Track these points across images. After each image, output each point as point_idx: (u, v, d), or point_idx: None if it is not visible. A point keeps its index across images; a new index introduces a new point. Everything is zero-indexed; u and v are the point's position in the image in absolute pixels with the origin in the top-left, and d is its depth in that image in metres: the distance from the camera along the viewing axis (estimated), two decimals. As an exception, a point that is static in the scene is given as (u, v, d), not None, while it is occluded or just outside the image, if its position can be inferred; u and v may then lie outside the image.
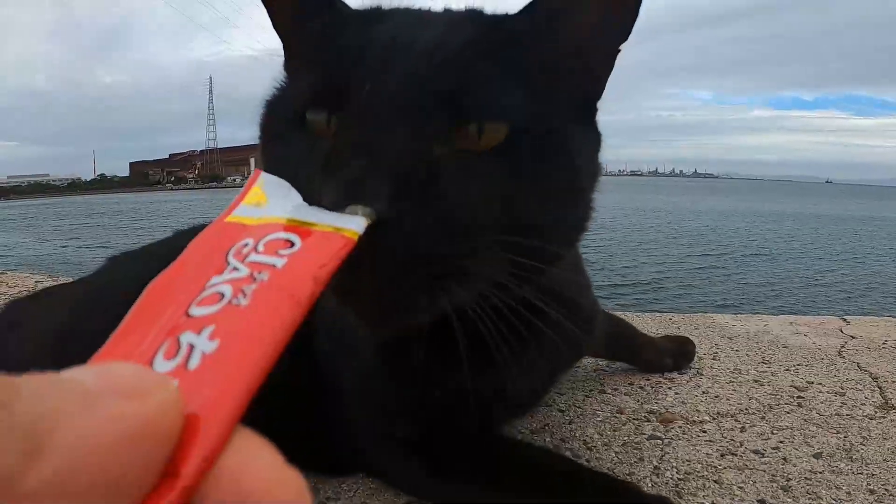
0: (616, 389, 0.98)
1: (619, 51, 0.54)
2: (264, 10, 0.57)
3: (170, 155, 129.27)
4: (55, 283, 1.74)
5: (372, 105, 0.45)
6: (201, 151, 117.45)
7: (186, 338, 0.22)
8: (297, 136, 0.50)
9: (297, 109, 0.50)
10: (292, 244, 0.29)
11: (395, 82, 0.46)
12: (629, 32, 0.53)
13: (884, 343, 1.34)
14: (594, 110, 0.57)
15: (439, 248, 0.43)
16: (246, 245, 0.29)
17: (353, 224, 0.32)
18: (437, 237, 0.43)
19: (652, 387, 1.00)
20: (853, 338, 1.40)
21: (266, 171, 0.53)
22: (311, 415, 0.67)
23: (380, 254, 0.39)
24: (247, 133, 0.56)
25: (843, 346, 1.33)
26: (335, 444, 0.68)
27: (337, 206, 0.36)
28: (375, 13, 0.55)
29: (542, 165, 0.49)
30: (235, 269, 0.27)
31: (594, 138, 0.56)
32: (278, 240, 0.29)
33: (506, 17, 0.54)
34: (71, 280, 1.71)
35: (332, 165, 0.43)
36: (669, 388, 1.00)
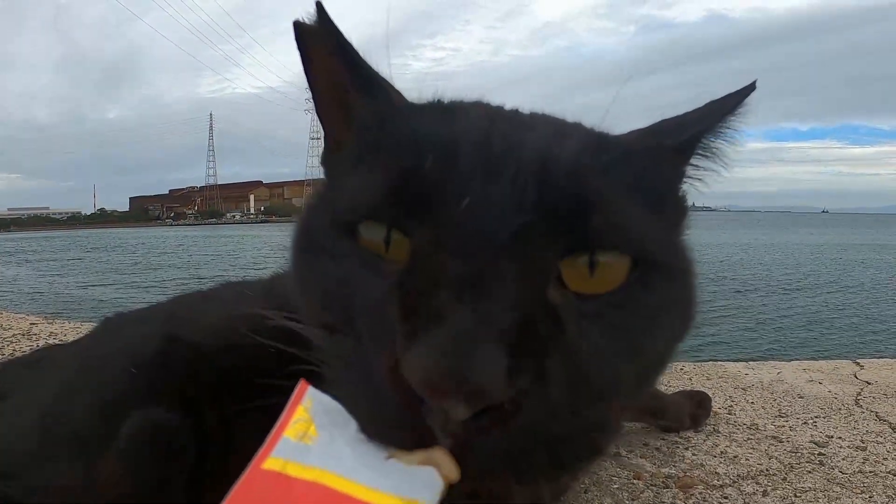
0: (631, 451, 0.94)
1: None
2: (267, 51, 0.46)
3: (170, 190, 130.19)
4: (49, 324, 1.71)
5: (474, 226, 0.35)
6: (201, 187, 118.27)
7: None
8: (348, 251, 0.39)
9: (348, 220, 0.39)
10: None
11: (505, 197, 0.35)
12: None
13: (900, 389, 1.32)
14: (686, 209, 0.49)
15: (565, 431, 0.35)
16: None
17: (428, 493, 0.27)
18: (563, 418, 0.34)
19: (668, 447, 0.97)
20: (868, 384, 1.39)
21: (306, 291, 0.42)
22: None
23: (494, 445, 0.32)
24: (247, 170, 0.50)
25: (859, 395, 1.31)
26: None
27: (437, 388, 0.30)
28: (445, 107, 0.45)
29: (672, 305, 0.40)
30: None
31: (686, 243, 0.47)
32: None
33: (619, 136, 0.46)
34: (65, 322, 1.70)
35: (422, 310, 0.33)
36: (686, 449, 0.97)
